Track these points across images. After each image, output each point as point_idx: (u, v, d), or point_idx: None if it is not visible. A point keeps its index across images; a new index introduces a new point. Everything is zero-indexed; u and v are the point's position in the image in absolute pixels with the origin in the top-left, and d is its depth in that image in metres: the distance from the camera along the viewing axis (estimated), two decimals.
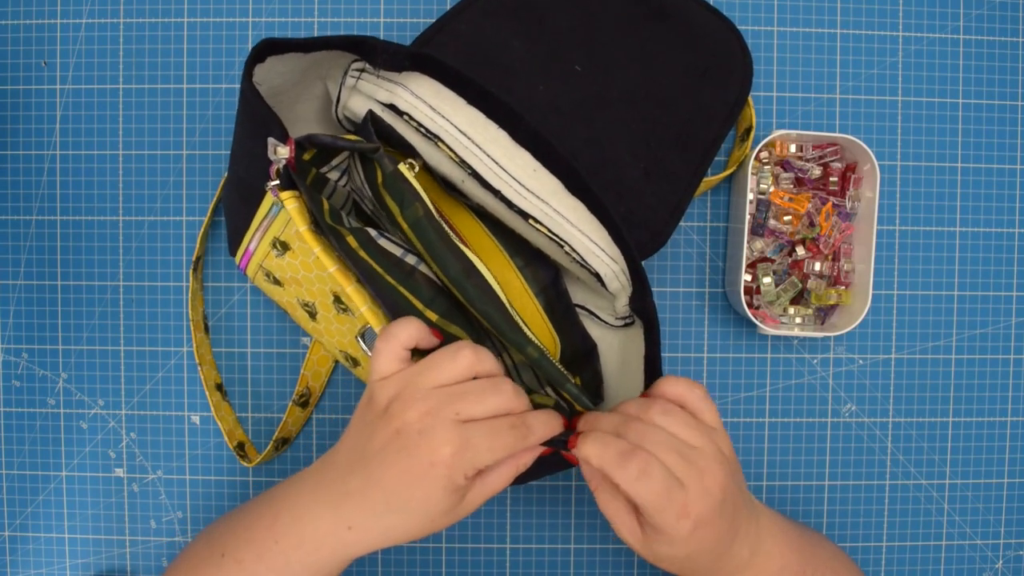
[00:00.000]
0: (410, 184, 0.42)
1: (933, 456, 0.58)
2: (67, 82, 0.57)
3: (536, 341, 0.43)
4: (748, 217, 0.54)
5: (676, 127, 0.52)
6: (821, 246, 0.54)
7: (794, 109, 0.57)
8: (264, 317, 0.57)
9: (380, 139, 0.45)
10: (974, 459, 0.58)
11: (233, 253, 0.52)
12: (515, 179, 0.45)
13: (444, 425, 0.37)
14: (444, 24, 0.51)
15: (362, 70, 0.46)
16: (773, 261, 0.55)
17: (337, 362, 0.57)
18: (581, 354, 0.49)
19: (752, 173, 0.54)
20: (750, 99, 0.54)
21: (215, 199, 0.55)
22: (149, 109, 0.57)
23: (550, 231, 0.45)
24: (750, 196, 0.54)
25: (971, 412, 0.58)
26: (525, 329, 0.43)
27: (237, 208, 0.49)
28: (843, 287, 0.55)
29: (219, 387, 0.56)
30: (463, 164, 0.45)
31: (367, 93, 0.46)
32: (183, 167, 0.57)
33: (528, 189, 0.45)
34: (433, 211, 0.42)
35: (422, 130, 0.45)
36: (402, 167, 0.43)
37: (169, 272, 0.57)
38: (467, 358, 0.39)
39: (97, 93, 0.57)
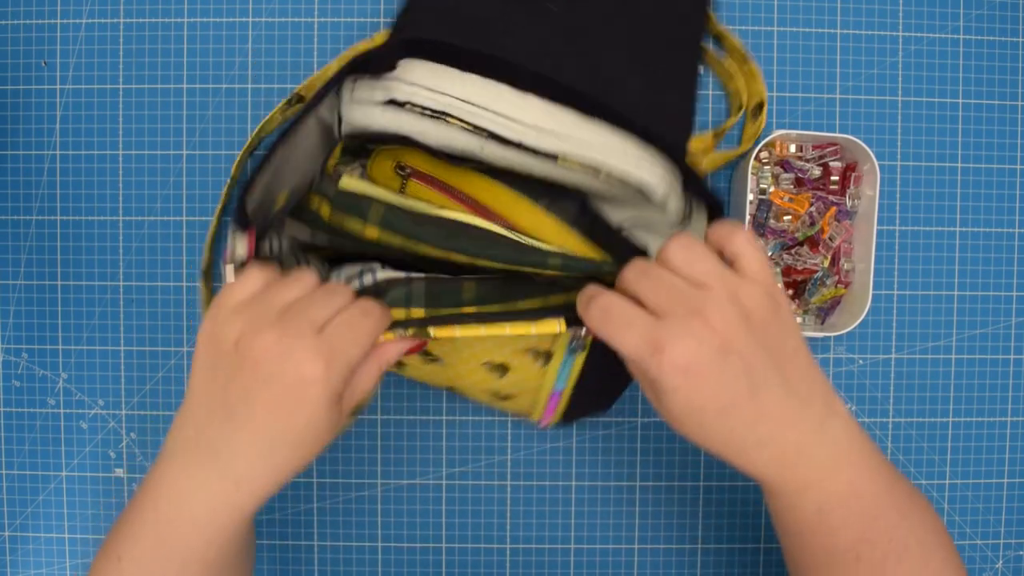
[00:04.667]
0: (358, 194, 0.41)
1: (933, 456, 0.58)
2: (67, 82, 0.57)
3: (554, 248, 0.42)
4: (748, 217, 0.54)
5: (659, 35, 0.52)
6: (821, 247, 0.55)
7: (794, 109, 0.57)
8: None
9: (373, 144, 0.46)
10: (974, 459, 0.58)
11: None
12: (531, 126, 0.44)
13: (304, 340, 0.35)
14: (414, 2, 0.51)
15: (355, 80, 0.45)
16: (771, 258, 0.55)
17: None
18: None
19: (752, 173, 0.54)
20: (757, 72, 0.54)
21: (220, 204, 0.55)
22: (149, 109, 0.57)
23: (583, 162, 0.44)
24: (750, 196, 0.54)
25: (971, 412, 0.58)
26: (539, 244, 0.42)
27: None
28: (841, 286, 0.55)
29: None
30: (478, 130, 0.44)
31: (364, 99, 0.45)
32: (183, 167, 0.57)
33: (547, 131, 0.44)
34: (395, 199, 0.41)
35: (427, 112, 0.44)
36: (343, 182, 0.42)
37: (169, 272, 0.57)
38: (311, 276, 0.38)
39: (97, 93, 0.57)
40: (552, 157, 0.44)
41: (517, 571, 0.57)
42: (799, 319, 0.56)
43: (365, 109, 0.46)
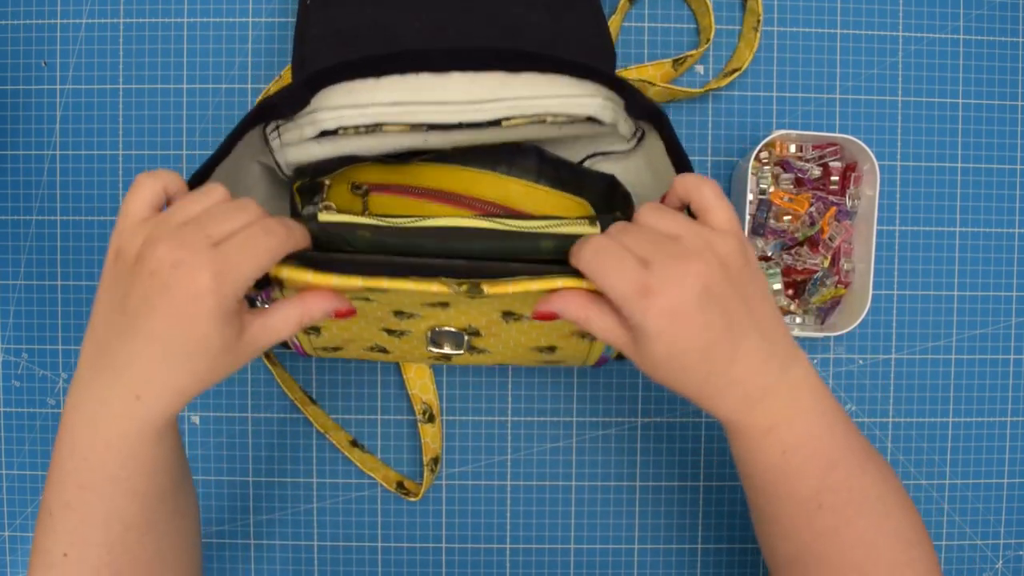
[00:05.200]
0: (339, 223, 0.42)
1: (933, 456, 0.58)
2: (67, 82, 0.57)
3: (544, 229, 0.42)
4: (748, 217, 0.54)
5: None
6: (821, 247, 0.55)
7: (794, 109, 0.57)
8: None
9: (321, 175, 0.46)
10: (974, 459, 0.58)
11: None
12: (464, 102, 0.44)
13: (197, 252, 0.34)
14: (302, 32, 0.51)
15: (277, 127, 0.45)
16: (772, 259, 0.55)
17: (434, 366, 0.57)
18: (612, 193, 0.48)
19: (752, 173, 0.54)
20: (710, 7, 0.54)
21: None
22: (149, 109, 0.57)
23: (526, 117, 0.44)
24: (750, 196, 0.54)
25: (971, 412, 0.58)
26: (528, 228, 0.42)
27: None
28: (841, 286, 0.55)
29: (354, 443, 0.57)
30: (416, 127, 0.44)
31: (295, 140, 0.45)
32: (183, 167, 0.57)
33: (480, 101, 0.44)
34: (377, 223, 0.42)
35: (361, 130, 0.44)
36: (321, 217, 0.42)
37: None
38: (220, 190, 0.37)
39: (97, 93, 0.57)
40: (496, 123, 0.44)
41: (517, 571, 0.57)
42: (799, 319, 0.56)
43: (299, 148, 0.46)
